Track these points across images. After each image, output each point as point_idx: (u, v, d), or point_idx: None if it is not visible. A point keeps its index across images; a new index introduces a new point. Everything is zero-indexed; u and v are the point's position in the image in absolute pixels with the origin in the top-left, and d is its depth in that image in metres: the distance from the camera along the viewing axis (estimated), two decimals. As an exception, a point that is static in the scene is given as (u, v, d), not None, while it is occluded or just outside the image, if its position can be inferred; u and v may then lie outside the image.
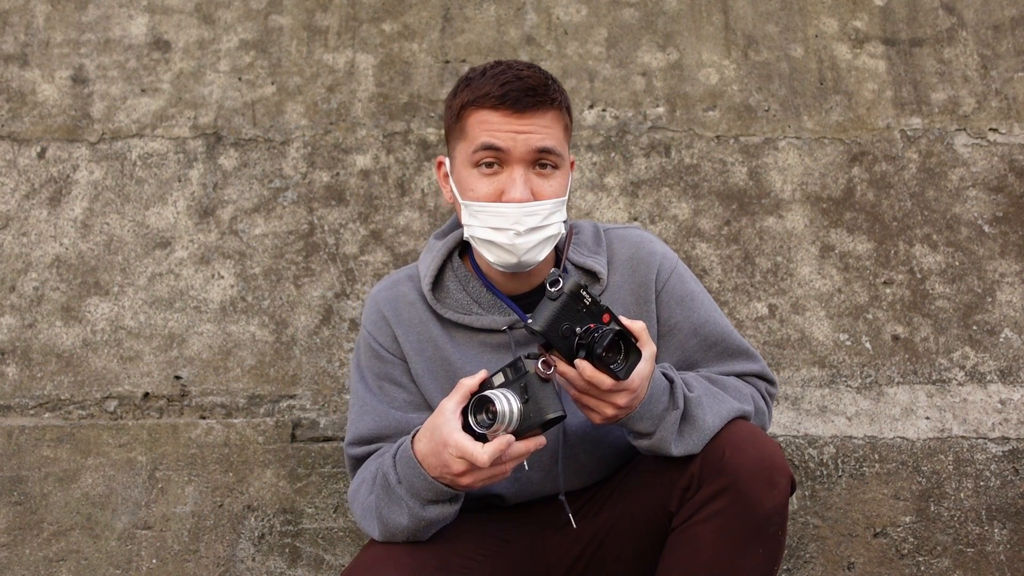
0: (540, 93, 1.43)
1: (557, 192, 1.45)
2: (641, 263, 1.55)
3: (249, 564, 2.06)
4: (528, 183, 1.43)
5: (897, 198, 2.36)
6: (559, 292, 1.29)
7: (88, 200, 2.35)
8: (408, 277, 1.60)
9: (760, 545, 1.34)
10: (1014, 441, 2.14)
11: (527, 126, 1.42)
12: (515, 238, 1.42)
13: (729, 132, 2.41)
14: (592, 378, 1.29)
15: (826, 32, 2.51)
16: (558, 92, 1.47)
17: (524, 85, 1.43)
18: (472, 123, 1.45)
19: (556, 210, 1.45)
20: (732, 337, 1.57)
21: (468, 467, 1.28)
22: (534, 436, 1.30)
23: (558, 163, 1.46)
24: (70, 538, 2.07)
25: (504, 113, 1.42)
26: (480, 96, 1.43)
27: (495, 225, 1.43)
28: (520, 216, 1.42)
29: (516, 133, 1.42)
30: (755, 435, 1.39)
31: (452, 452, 1.28)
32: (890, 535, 2.07)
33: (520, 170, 1.43)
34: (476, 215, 1.45)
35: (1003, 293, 2.27)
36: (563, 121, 1.48)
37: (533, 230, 1.43)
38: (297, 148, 2.39)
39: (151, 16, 2.51)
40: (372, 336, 1.57)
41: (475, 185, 1.45)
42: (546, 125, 1.44)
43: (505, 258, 1.45)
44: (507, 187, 1.43)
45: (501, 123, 1.42)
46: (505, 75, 1.44)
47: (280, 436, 2.14)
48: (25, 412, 2.18)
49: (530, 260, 1.45)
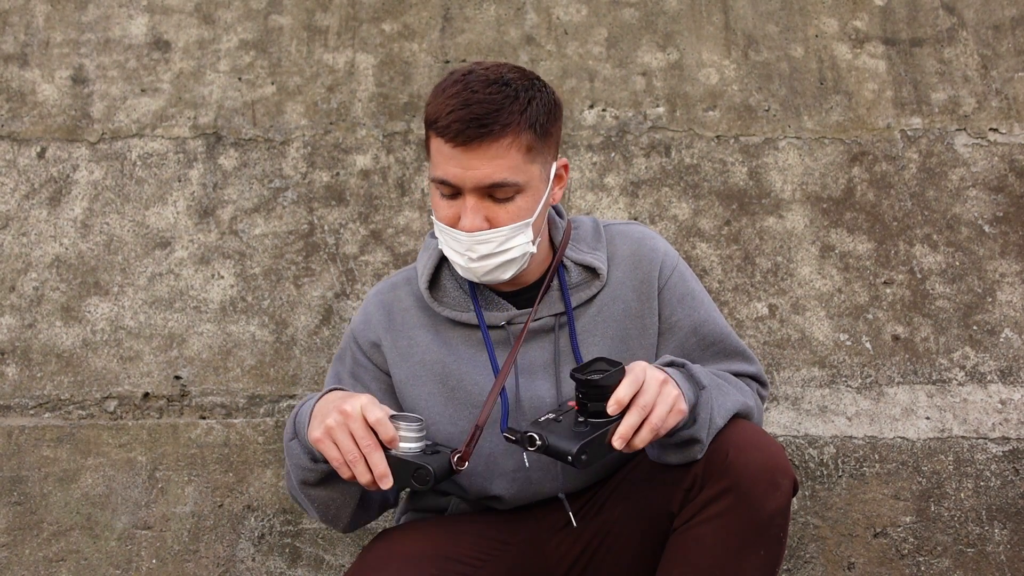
0: (485, 123, 1.35)
1: (516, 216, 1.41)
2: (643, 259, 1.55)
3: (249, 564, 2.06)
4: (481, 211, 1.40)
5: (897, 198, 2.36)
6: (544, 440, 1.25)
7: (88, 200, 2.35)
8: (406, 280, 1.61)
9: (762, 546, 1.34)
10: (1014, 441, 2.14)
11: (473, 160, 1.36)
12: (470, 263, 1.42)
13: (729, 132, 2.41)
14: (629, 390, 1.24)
15: (826, 32, 2.51)
16: (514, 114, 1.37)
17: (469, 115, 1.34)
18: (432, 147, 1.42)
19: (516, 233, 1.42)
20: (730, 338, 1.57)
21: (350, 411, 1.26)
22: (384, 476, 1.26)
23: (516, 190, 1.40)
24: (70, 538, 2.07)
25: (452, 145, 1.37)
26: (433, 120, 1.40)
27: (452, 247, 1.44)
28: (471, 244, 1.41)
29: (463, 169, 1.37)
30: (758, 436, 1.39)
31: (355, 399, 1.27)
32: (890, 535, 2.07)
33: (472, 200, 1.39)
34: (439, 233, 1.46)
35: (1003, 293, 2.27)
36: (523, 143, 1.38)
37: (487, 256, 1.41)
38: (297, 148, 2.39)
39: (151, 16, 2.51)
40: (354, 337, 1.59)
41: (437, 206, 1.44)
42: (496, 156, 1.36)
43: (468, 276, 1.46)
44: (461, 214, 1.41)
45: (450, 156, 1.38)
46: (456, 99, 1.37)
47: (280, 436, 2.14)
48: (25, 412, 2.18)
49: (492, 280, 1.45)
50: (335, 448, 1.27)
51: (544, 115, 1.42)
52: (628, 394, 1.25)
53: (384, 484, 1.26)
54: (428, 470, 1.26)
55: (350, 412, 1.27)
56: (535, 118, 1.40)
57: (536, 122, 1.40)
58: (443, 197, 1.43)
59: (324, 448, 1.28)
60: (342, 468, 1.27)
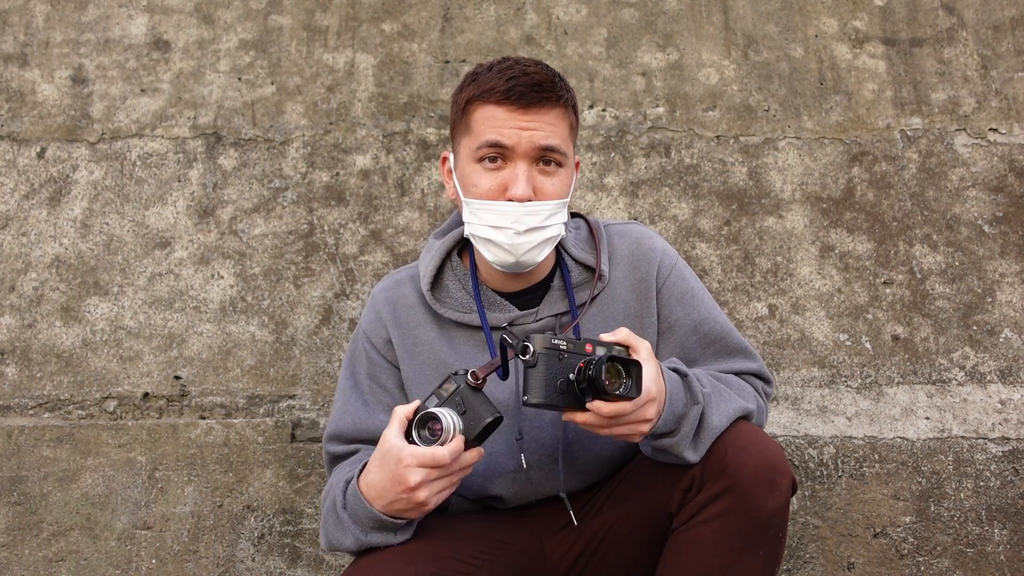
0: (546, 89, 1.43)
1: (559, 192, 1.45)
2: (642, 259, 1.55)
3: (249, 564, 2.06)
4: (531, 180, 1.42)
5: (897, 198, 2.36)
6: (534, 356, 1.28)
7: (88, 200, 2.35)
8: (410, 277, 1.60)
9: (761, 547, 1.34)
10: (1014, 441, 2.14)
11: (532, 122, 1.42)
12: (515, 237, 1.42)
13: (729, 132, 2.41)
14: (612, 412, 1.27)
15: (826, 32, 2.50)
16: (564, 89, 1.46)
17: (530, 81, 1.42)
18: (477, 118, 1.44)
19: (557, 211, 1.44)
20: (731, 335, 1.57)
21: (425, 477, 1.28)
22: (474, 448, 1.32)
23: (562, 161, 1.45)
24: (70, 538, 2.07)
25: (509, 108, 1.42)
26: (486, 91, 1.43)
27: (495, 224, 1.43)
28: (520, 215, 1.41)
29: (521, 129, 1.41)
30: (757, 436, 1.38)
31: (409, 463, 1.28)
32: (890, 535, 2.07)
33: (524, 166, 1.42)
34: (476, 213, 1.45)
35: (1003, 293, 2.27)
36: (569, 119, 1.47)
37: (533, 230, 1.42)
38: (297, 148, 2.39)
39: (151, 16, 2.51)
40: (367, 336, 1.58)
41: (478, 180, 1.44)
42: (551, 122, 1.43)
43: (503, 257, 1.45)
44: (510, 183, 1.42)
45: (506, 118, 1.42)
46: (512, 70, 1.43)
47: (280, 436, 2.14)
48: (25, 412, 2.18)
49: (529, 261, 1.45)
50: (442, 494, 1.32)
51: (577, 103, 1.52)
52: (610, 414, 1.28)
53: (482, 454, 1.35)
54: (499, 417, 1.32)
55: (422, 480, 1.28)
56: (574, 102, 1.51)
57: (575, 106, 1.50)
58: (487, 169, 1.44)
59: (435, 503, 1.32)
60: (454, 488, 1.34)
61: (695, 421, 1.36)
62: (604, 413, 1.27)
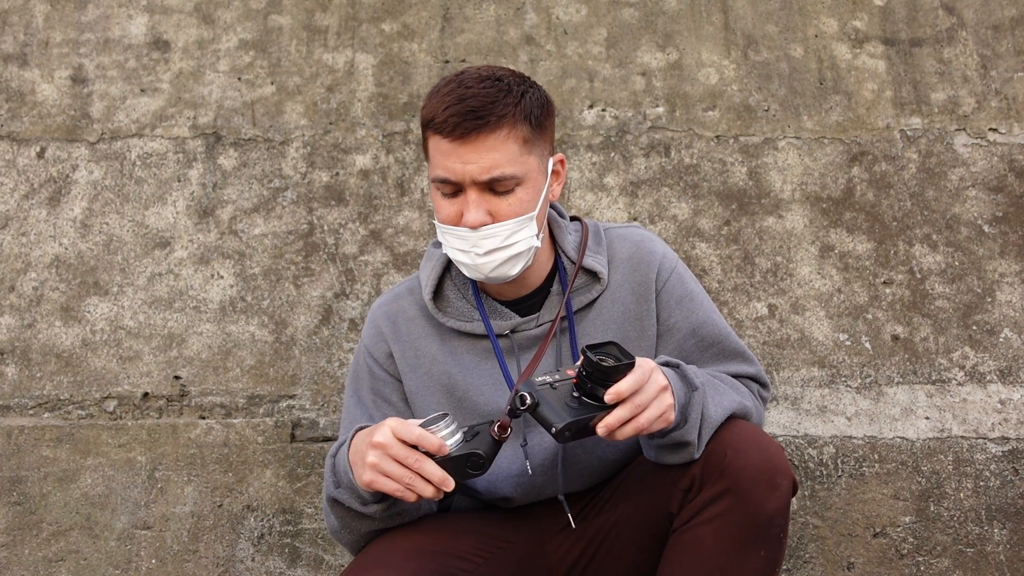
0: (481, 115, 1.37)
1: (518, 210, 1.42)
2: (642, 262, 1.55)
3: (249, 564, 2.06)
4: (483, 205, 1.40)
5: (897, 198, 2.36)
6: (534, 400, 1.27)
7: (87, 200, 2.35)
8: (409, 290, 1.61)
9: (761, 547, 1.34)
10: (1014, 441, 2.14)
11: (472, 154, 1.38)
12: (476, 259, 1.42)
13: (729, 132, 2.41)
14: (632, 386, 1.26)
15: (826, 32, 2.51)
16: (508, 106, 1.39)
17: (464, 108, 1.37)
18: (430, 147, 1.43)
19: (521, 227, 1.42)
20: (729, 339, 1.57)
21: (386, 439, 1.28)
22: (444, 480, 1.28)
23: (516, 183, 1.41)
24: (69, 538, 2.07)
25: (450, 140, 1.38)
26: (429, 119, 1.41)
27: (457, 247, 1.44)
28: (477, 240, 1.41)
29: (464, 163, 1.38)
30: (757, 436, 1.38)
31: (385, 424, 1.30)
32: (890, 535, 2.07)
33: (474, 195, 1.40)
34: (443, 236, 1.46)
35: (1003, 293, 2.27)
36: (519, 134, 1.40)
37: (494, 251, 1.42)
38: (297, 148, 2.39)
39: (150, 16, 2.51)
40: (368, 352, 1.58)
41: (439, 206, 1.44)
42: (493, 148, 1.38)
43: (474, 274, 1.46)
44: (464, 210, 1.41)
45: (449, 152, 1.39)
46: (450, 96, 1.39)
47: (280, 436, 2.14)
48: (24, 412, 2.18)
49: (500, 276, 1.45)
50: (388, 480, 1.29)
51: (538, 108, 1.44)
52: (628, 390, 1.26)
53: (448, 486, 1.29)
54: (479, 454, 1.30)
55: (384, 442, 1.29)
56: (529, 110, 1.42)
57: (531, 114, 1.42)
58: (444, 197, 1.43)
59: (379, 485, 1.30)
60: (405, 494, 1.29)
61: (700, 407, 1.36)
62: (624, 391, 1.25)
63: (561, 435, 1.26)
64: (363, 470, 1.31)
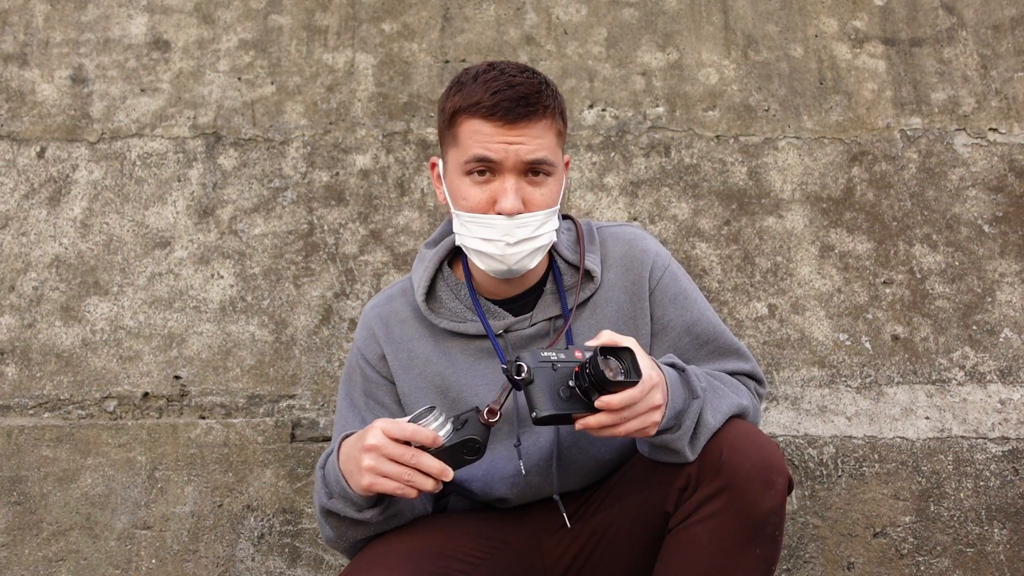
0: (532, 102, 1.40)
1: (549, 201, 1.44)
2: (635, 261, 1.55)
3: (249, 564, 2.06)
4: (519, 192, 1.41)
5: (897, 198, 2.36)
6: (530, 374, 1.27)
7: (87, 200, 2.35)
8: (402, 292, 1.60)
9: (757, 545, 1.34)
10: (1014, 441, 2.13)
11: (519, 137, 1.40)
12: (506, 248, 1.42)
13: (729, 132, 2.41)
14: (622, 402, 1.26)
15: (826, 32, 2.50)
16: (551, 98, 1.44)
17: (515, 94, 1.40)
18: (464, 131, 1.43)
19: (548, 220, 1.44)
20: (724, 336, 1.57)
21: (380, 441, 1.28)
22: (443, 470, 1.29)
23: (551, 171, 1.44)
24: (69, 538, 2.07)
25: (495, 123, 1.40)
26: (471, 104, 1.41)
27: (485, 236, 1.43)
28: (511, 228, 1.41)
29: (508, 144, 1.40)
30: (753, 435, 1.38)
31: (375, 426, 1.30)
32: (890, 535, 2.07)
33: (512, 180, 1.41)
34: (467, 225, 1.45)
35: (1003, 293, 2.27)
36: (556, 127, 1.45)
37: (524, 241, 1.42)
38: (297, 148, 2.40)
39: (150, 16, 2.51)
40: (361, 354, 1.58)
41: (467, 193, 1.44)
42: (538, 135, 1.41)
43: (495, 266, 1.45)
44: (499, 196, 1.41)
45: (493, 133, 1.40)
46: (497, 82, 1.41)
47: (280, 436, 2.14)
48: (25, 412, 2.18)
49: (520, 268, 1.45)
50: (387, 480, 1.29)
51: (564, 107, 1.49)
52: (620, 404, 1.26)
53: (446, 476, 1.29)
54: (475, 439, 1.31)
55: (378, 443, 1.29)
56: (561, 107, 1.48)
57: (563, 111, 1.48)
58: (475, 183, 1.43)
59: (379, 487, 1.30)
60: (406, 491, 1.29)
61: (695, 416, 1.36)
62: (615, 405, 1.25)
63: (538, 421, 1.27)
64: (360, 475, 1.30)
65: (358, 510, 1.38)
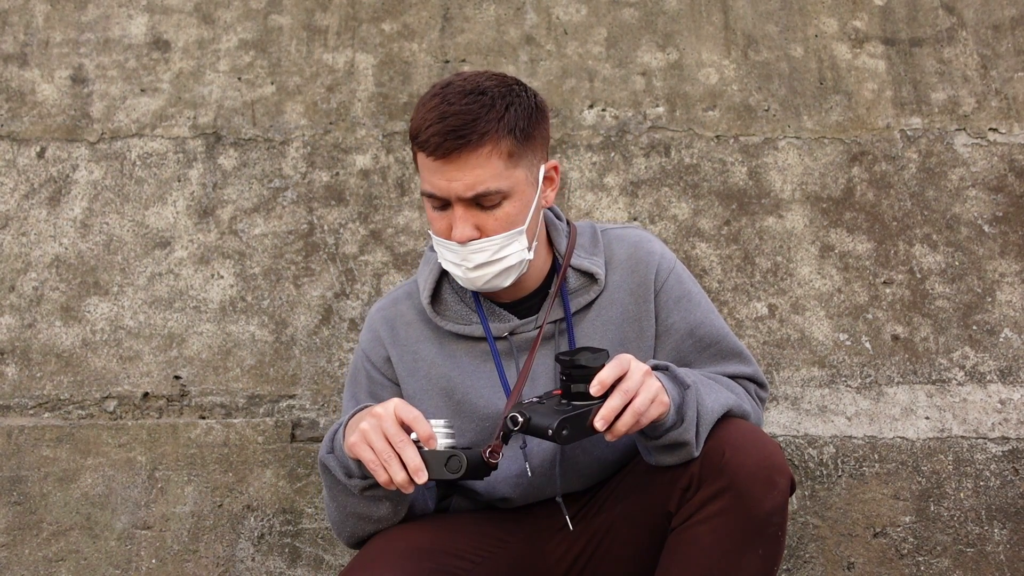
0: (463, 134, 1.35)
1: (507, 224, 1.41)
2: (640, 263, 1.55)
3: (249, 564, 2.06)
4: (471, 220, 1.40)
5: (897, 198, 2.36)
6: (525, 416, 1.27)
7: (88, 200, 2.35)
8: (407, 294, 1.61)
9: (760, 546, 1.34)
10: (1014, 441, 2.14)
11: (456, 171, 1.37)
12: (467, 272, 1.43)
13: (729, 132, 2.41)
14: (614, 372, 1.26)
15: (826, 32, 2.50)
16: (492, 122, 1.37)
17: (446, 128, 1.35)
18: (418, 161, 1.44)
19: (510, 241, 1.42)
20: (727, 339, 1.57)
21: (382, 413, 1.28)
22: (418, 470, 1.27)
23: (499, 199, 1.40)
24: (69, 538, 2.07)
25: (433, 159, 1.38)
26: (414, 136, 1.41)
27: (449, 259, 1.44)
28: (466, 254, 1.41)
29: (448, 181, 1.38)
30: (755, 435, 1.39)
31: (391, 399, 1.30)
32: (890, 535, 2.07)
33: (460, 210, 1.40)
34: (437, 247, 1.47)
35: (1003, 293, 2.27)
36: (503, 149, 1.38)
37: (483, 265, 1.42)
38: (297, 148, 2.40)
39: (151, 16, 2.51)
40: (366, 356, 1.59)
41: (431, 219, 1.45)
42: (477, 165, 1.37)
43: (468, 286, 1.47)
44: (453, 224, 1.41)
45: (434, 169, 1.39)
46: (432, 114, 1.38)
47: (280, 436, 2.14)
48: (25, 412, 2.18)
49: (494, 287, 1.46)
50: (369, 450, 1.28)
51: (524, 119, 1.41)
52: (612, 376, 1.27)
53: (419, 478, 1.26)
54: (460, 457, 1.28)
55: (382, 413, 1.29)
56: (514, 123, 1.39)
57: (516, 127, 1.39)
58: (435, 210, 1.44)
59: (359, 451, 1.29)
60: (377, 470, 1.28)
61: (695, 405, 1.37)
62: (608, 378, 1.26)
63: (559, 435, 1.24)
64: (351, 432, 1.31)
65: (346, 474, 1.37)
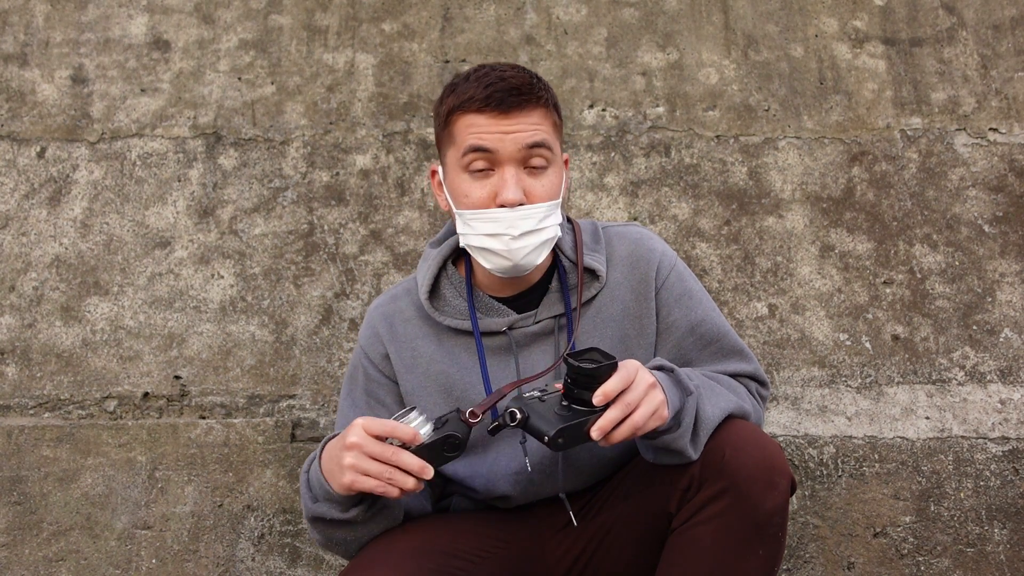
0: (524, 92, 1.42)
1: (550, 193, 1.44)
2: (641, 260, 1.55)
3: (249, 564, 2.06)
4: (520, 183, 1.41)
5: (897, 198, 2.36)
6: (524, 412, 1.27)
7: (88, 200, 2.35)
8: (406, 291, 1.61)
9: (760, 546, 1.34)
10: (1014, 441, 2.14)
11: (514, 125, 1.41)
12: (510, 243, 1.41)
13: (729, 132, 2.41)
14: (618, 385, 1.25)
15: (826, 32, 2.50)
16: (543, 90, 1.46)
17: (507, 85, 1.41)
18: (460, 128, 1.44)
19: (551, 212, 1.44)
20: (728, 337, 1.57)
21: (360, 439, 1.27)
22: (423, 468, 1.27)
23: (550, 159, 1.44)
24: (70, 538, 2.07)
25: (490, 115, 1.41)
26: (465, 100, 1.42)
27: (490, 232, 1.42)
28: (514, 220, 1.41)
29: (504, 133, 1.41)
30: (756, 436, 1.38)
31: (356, 424, 1.28)
32: (890, 535, 2.07)
33: (511, 170, 1.41)
34: (470, 223, 1.44)
35: (1003, 293, 2.27)
36: (551, 118, 1.47)
37: (528, 233, 1.42)
38: (297, 148, 2.40)
39: (151, 16, 2.51)
40: (364, 353, 1.59)
41: (468, 190, 1.44)
42: (535, 122, 1.43)
43: (501, 263, 1.44)
44: (500, 189, 1.41)
45: (488, 124, 1.41)
46: (488, 77, 1.43)
47: (280, 436, 2.14)
48: (25, 412, 2.18)
49: (527, 264, 1.44)
50: (368, 479, 1.28)
51: (558, 104, 1.51)
52: (616, 389, 1.26)
53: (426, 474, 1.27)
54: (455, 435, 1.29)
55: (358, 441, 1.28)
56: (555, 100, 1.50)
57: (557, 107, 1.50)
58: (475, 178, 1.43)
59: (360, 485, 1.28)
60: (387, 489, 1.28)
61: (693, 412, 1.36)
62: (612, 390, 1.25)
63: (554, 443, 1.25)
64: (341, 474, 1.29)
65: (342, 510, 1.36)
